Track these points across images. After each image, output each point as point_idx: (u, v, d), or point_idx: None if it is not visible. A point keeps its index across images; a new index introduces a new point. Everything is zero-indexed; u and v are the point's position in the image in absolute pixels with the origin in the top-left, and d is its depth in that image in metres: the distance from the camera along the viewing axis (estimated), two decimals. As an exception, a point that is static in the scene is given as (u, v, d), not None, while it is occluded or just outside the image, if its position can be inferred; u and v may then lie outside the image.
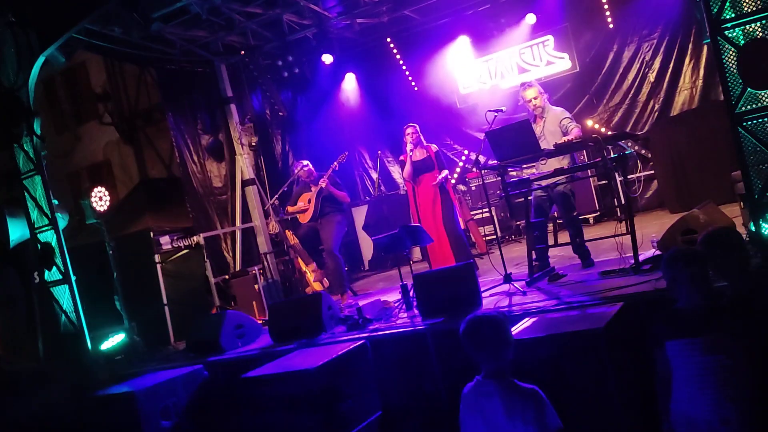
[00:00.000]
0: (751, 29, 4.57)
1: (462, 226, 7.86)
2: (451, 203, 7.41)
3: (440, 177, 7.30)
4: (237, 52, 9.69)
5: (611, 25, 9.88)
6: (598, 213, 9.66)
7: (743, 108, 4.48)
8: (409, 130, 7.41)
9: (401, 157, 7.51)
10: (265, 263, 9.13)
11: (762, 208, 4.50)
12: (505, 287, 5.84)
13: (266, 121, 10.62)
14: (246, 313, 6.87)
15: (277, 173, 10.27)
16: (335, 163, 7.75)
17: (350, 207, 9.55)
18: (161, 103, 10.43)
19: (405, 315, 5.89)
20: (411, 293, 5.97)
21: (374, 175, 11.90)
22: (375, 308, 6.19)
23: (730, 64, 4.50)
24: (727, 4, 4.49)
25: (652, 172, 9.57)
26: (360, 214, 11.04)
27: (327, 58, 9.87)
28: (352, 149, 9.76)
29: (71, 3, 6.93)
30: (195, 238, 8.45)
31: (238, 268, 9.23)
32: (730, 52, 4.49)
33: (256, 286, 8.33)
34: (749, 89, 4.42)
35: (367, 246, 10.97)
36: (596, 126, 10.06)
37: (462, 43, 10.81)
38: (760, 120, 4.45)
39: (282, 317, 6.19)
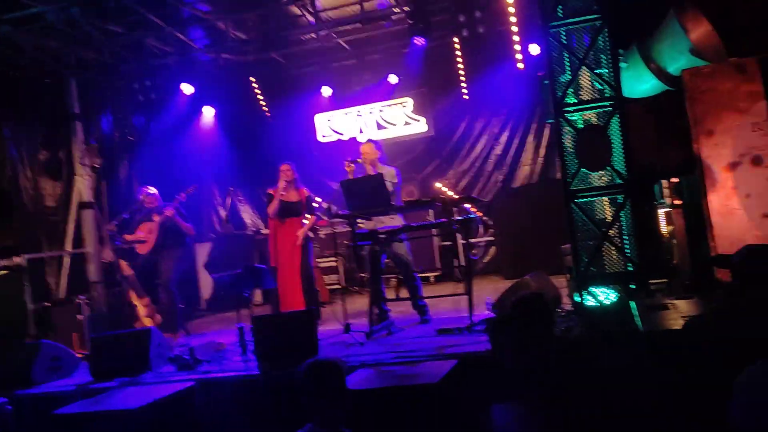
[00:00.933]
0: (588, 116, 5.03)
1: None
2: (311, 250, 7.29)
3: (307, 226, 7.18)
4: (91, 68, 9.11)
5: (466, 97, 10.50)
6: (440, 272, 9.99)
7: (577, 186, 4.87)
8: (284, 167, 7.18)
9: (269, 191, 7.22)
10: (94, 293, 8.45)
11: (586, 280, 4.85)
12: (344, 337, 5.81)
13: (114, 144, 10.00)
14: (65, 345, 6.26)
15: (119, 199, 9.61)
16: (183, 193, 7.42)
17: (193, 242, 9.13)
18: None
19: (240, 358, 5.67)
20: (248, 336, 5.77)
21: (222, 212, 11.55)
22: (208, 349, 5.91)
23: (569, 145, 4.90)
24: (570, 90, 4.92)
25: (492, 238, 10.12)
26: (203, 251, 10.62)
27: (187, 88, 9.54)
28: (202, 183, 9.42)
29: None
30: (17, 258, 7.65)
31: (62, 295, 8.44)
32: (569, 134, 4.89)
33: (79, 317, 7.65)
34: (583, 169, 4.82)
35: (206, 284, 10.52)
36: (444, 189, 10.52)
37: (325, 92, 10.97)
38: (590, 199, 4.85)
39: (104, 352, 5.70)
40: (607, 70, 4.82)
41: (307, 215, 7.25)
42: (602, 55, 4.86)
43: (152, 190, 7.54)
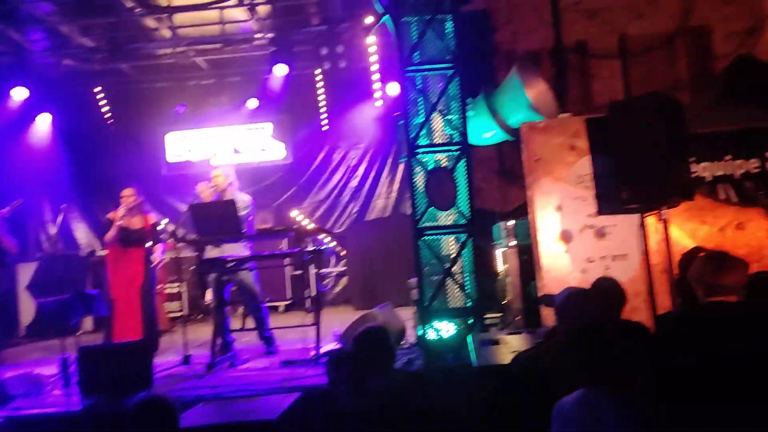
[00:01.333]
0: (438, 158, 5.27)
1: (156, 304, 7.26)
2: (154, 277, 6.83)
3: (156, 255, 6.84)
4: None
5: (326, 127, 10.59)
6: (290, 302, 9.89)
7: (425, 224, 5.06)
8: (126, 192, 6.63)
9: (108, 215, 6.71)
10: None
11: (430, 314, 5.02)
12: (183, 369, 5.58)
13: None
14: None
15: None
16: (7, 208, 6.76)
17: (15, 262, 8.34)
18: None
19: (60, 392, 5.22)
20: (72, 367, 5.33)
21: (52, 230, 10.69)
22: (22, 382, 5.36)
23: (419, 184, 5.10)
24: (423, 131, 5.14)
25: (345, 269, 10.19)
26: (27, 272, 9.67)
27: (20, 93, 8.75)
28: (31, 197, 8.64)
29: None
30: None
31: None
32: (420, 174, 5.09)
33: None
34: (432, 208, 5.02)
35: (28, 308, 9.58)
36: (300, 218, 10.49)
37: (179, 111, 10.54)
38: (437, 236, 5.06)
39: None
40: (456, 116, 5.10)
41: (152, 244, 6.77)
42: (453, 102, 5.14)
43: None
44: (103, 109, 10.56)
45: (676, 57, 9.49)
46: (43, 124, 10.24)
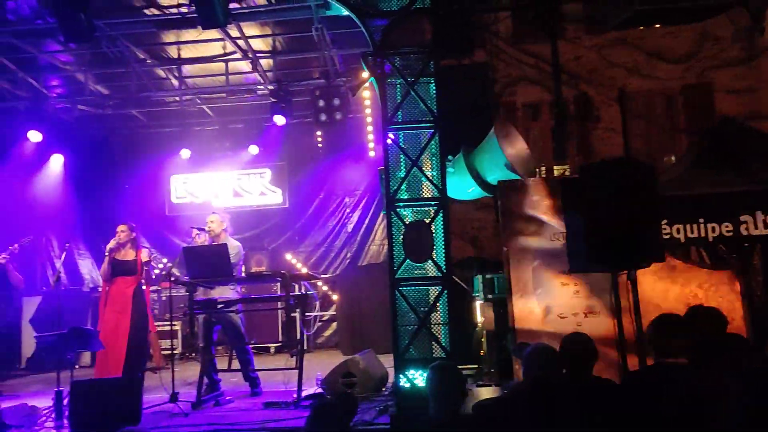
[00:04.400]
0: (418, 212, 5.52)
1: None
2: (145, 312, 6.92)
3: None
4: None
5: (322, 175, 10.91)
6: (280, 343, 10.03)
7: (402, 274, 5.29)
8: (120, 228, 6.86)
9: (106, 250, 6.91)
10: None
11: (404, 363, 5.21)
12: (170, 406, 5.76)
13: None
14: None
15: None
16: (16, 244, 7.06)
17: (20, 296, 8.61)
18: None
19: (52, 424, 5.45)
20: (66, 400, 5.53)
21: (58, 265, 10.96)
22: (18, 413, 5.60)
23: (399, 236, 5.34)
24: (403, 186, 5.41)
25: (335, 313, 10.38)
26: (31, 305, 9.97)
27: (35, 136, 9.16)
28: (40, 234, 8.95)
29: None
30: None
31: None
32: (400, 226, 5.34)
33: None
34: (408, 260, 5.25)
35: (29, 341, 9.82)
36: (294, 261, 10.72)
37: (183, 155, 10.94)
38: (413, 287, 5.28)
39: None
40: (436, 173, 5.37)
41: (142, 277, 6.92)
42: (433, 158, 5.42)
43: None
44: (113, 151, 10.93)
45: (676, 112, 9.84)
46: (55, 165, 10.64)
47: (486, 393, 4.70)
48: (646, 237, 4.95)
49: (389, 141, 5.40)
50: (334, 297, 10.43)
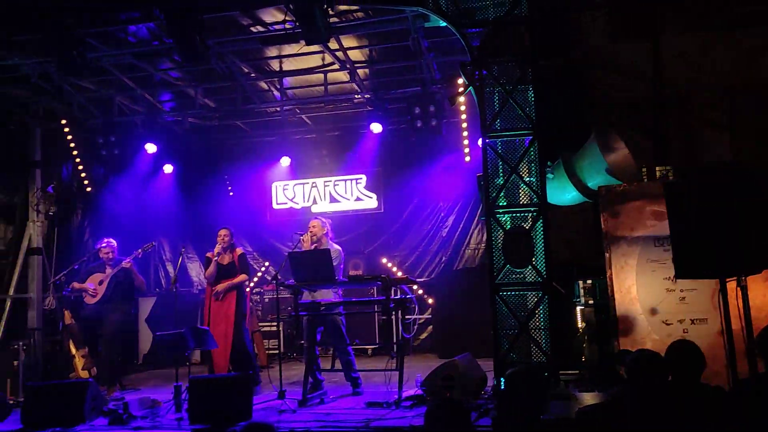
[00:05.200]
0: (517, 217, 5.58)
1: (249, 336, 7.74)
2: (244, 312, 7.33)
3: (234, 281, 7.20)
4: (57, 119, 9.40)
5: (417, 180, 11.06)
6: (377, 346, 10.27)
7: (502, 280, 5.36)
8: (222, 233, 7.32)
9: (208, 254, 7.38)
10: (32, 340, 8.45)
11: (505, 366, 5.28)
12: (278, 403, 6.06)
13: (71, 194, 10.15)
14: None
15: (69, 248, 9.72)
16: (140, 250, 7.63)
17: (138, 296, 9.26)
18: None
19: (173, 416, 5.86)
20: (184, 395, 5.95)
21: (171, 270, 11.71)
22: (142, 405, 6.09)
23: (498, 242, 5.41)
24: (502, 193, 5.48)
25: (430, 316, 10.51)
26: (146, 305, 10.69)
27: (150, 147, 9.88)
28: (153, 238, 9.56)
29: None
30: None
31: (-1, 339, 8.41)
32: (500, 232, 5.41)
33: (15, 363, 7.67)
34: (509, 266, 5.32)
35: (146, 339, 10.56)
36: (389, 265, 10.94)
37: (284, 162, 11.39)
38: (513, 292, 5.34)
39: (39, 400, 5.79)
40: (535, 179, 5.40)
41: (240, 274, 7.23)
42: (532, 164, 5.46)
43: (113, 242, 7.72)
44: (219, 160, 11.55)
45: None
46: (166, 172, 11.35)
47: (589, 399, 4.70)
48: (756, 243, 4.80)
49: (487, 149, 5.49)
50: (430, 300, 10.55)
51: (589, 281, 5.99)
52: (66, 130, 9.35)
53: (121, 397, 6.72)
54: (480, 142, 9.61)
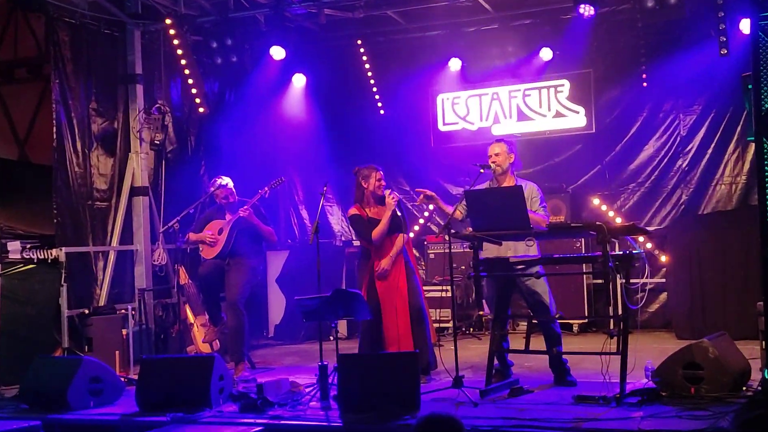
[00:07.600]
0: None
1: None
2: (414, 272, 7.44)
3: (396, 248, 7.26)
4: (160, 18, 10.00)
5: (645, 84, 10.65)
6: (586, 321, 10.22)
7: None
8: (377, 175, 7.30)
9: (352, 211, 7.48)
10: (142, 303, 9.27)
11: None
12: (453, 393, 6.22)
13: (181, 117, 10.82)
14: (107, 364, 7.08)
15: (181, 187, 10.39)
16: (266, 188, 8.03)
17: (267, 249, 9.82)
18: (37, 58, 10.58)
19: (318, 404, 6.23)
20: (331, 378, 6.32)
21: (304, 214, 12.23)
22: (280, 389, 6.52)
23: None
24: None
25: (663, 281, 10.27)
26: (277, 262, 11.34)
27: (277, 52, 10.25)
28: (284, 175, 10.06)
29: None
30: (54, 251, 8.51)
31: (102, 302, 9.31)
32: (775, 158, 5.13)
33: (124, 331, 8.49)
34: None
35: (277, 305, 11.25)
36: (603, 208, 10.75)
37: (453, 66, 11.42)
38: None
39: (156, 379, 6.46)
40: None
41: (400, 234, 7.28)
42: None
43: (226, 180, 8.23)
44: (365, 66, 11.77)
45: None
46: (297, 88, 11.83)
47: None
48: None
49: (759, 36, 5.17)
50: (663, 258, 10.30)
51: None
52: (171, 32, 9.92)
53: (252, 377, 7.24)
54: (745, 24, 9.16)
